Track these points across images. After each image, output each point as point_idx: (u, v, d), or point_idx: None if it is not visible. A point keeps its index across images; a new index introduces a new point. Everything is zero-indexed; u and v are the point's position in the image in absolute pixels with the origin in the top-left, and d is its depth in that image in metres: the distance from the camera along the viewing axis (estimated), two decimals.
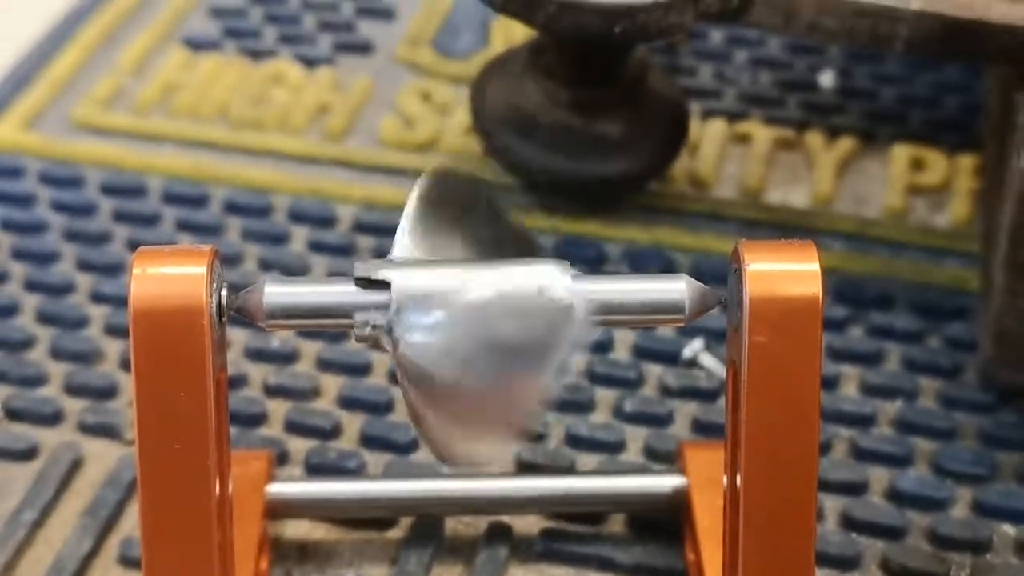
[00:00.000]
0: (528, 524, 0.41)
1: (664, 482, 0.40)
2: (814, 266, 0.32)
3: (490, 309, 0.31)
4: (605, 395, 0.45)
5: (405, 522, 0.41)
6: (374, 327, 0.32)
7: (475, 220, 0.36)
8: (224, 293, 0.33)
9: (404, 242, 0.34)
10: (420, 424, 0.32)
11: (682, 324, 0.33)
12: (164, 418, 0.32)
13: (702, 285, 0.33)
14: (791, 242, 0.33)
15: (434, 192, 0.35)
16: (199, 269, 0.32)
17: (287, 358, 0.46)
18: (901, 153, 0.53)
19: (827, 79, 0.57)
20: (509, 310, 0.31)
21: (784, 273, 0.32)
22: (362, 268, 0.32)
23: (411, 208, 0.34)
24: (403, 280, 0.32)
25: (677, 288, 0.33)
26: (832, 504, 0.42)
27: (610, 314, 0.33)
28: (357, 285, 0.32)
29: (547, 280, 0.32)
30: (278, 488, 0.40)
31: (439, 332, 0.31)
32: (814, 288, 0.32)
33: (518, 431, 0.31)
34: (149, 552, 0.33)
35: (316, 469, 0.43)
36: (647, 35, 0.46)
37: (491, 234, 0.37)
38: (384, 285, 0.32)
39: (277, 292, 0.33)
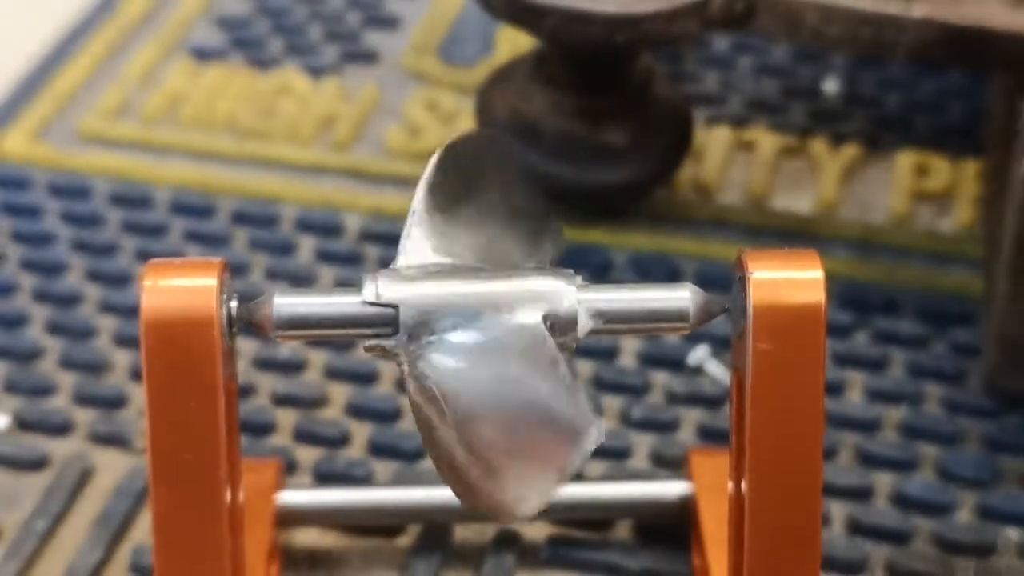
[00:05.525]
0: (535, 531, 0.41)
1: (670, 488, 0.41)
2: (817, 274, 0.32)
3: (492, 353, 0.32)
4: (612, 402, 0.45)
5: (413, 529, 0.41)
6: (383, 348, 0.32)
7: (491, 189, 0.36)
8: (234, 305, 0.33)
9: (416, 228, 0.34)
10: (440, 455, 0.32)
11: (687, 332, 0.33)
12: (175, 429, 0.32)
13: (706, 293, 0.33)
14: (794, 250, 0.33)
15: (454, 157, 0.34)
16: (210, 281, 0.32)
17: (295, 367, 0.46)
18: (906, 159, 0.54)
19: (831, 86, 0.57)
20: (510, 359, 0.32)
21: (787, 281, 0.32)
22: (369, 289, 0.33)
23: (426, 181, 0.34)
24: (409, 302, 0.32)
25: (682, 296, 0.33)
26: (838, 509, 0.42)
27: (615, 323, 0.33)
28: (364, 305, 0.33)
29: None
30: (288, 496, 0.40)
31: (455, 357, 0.32)
32: (817, 296, 0.32)
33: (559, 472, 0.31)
34: (161, 562, 0.33)
35: (325, 478, 0.43)
36: (650, 44, 0.47)
37: (506, 208, 0.36)
38: (391, 307, 0.32)
39: (286, 304, 0.33)
